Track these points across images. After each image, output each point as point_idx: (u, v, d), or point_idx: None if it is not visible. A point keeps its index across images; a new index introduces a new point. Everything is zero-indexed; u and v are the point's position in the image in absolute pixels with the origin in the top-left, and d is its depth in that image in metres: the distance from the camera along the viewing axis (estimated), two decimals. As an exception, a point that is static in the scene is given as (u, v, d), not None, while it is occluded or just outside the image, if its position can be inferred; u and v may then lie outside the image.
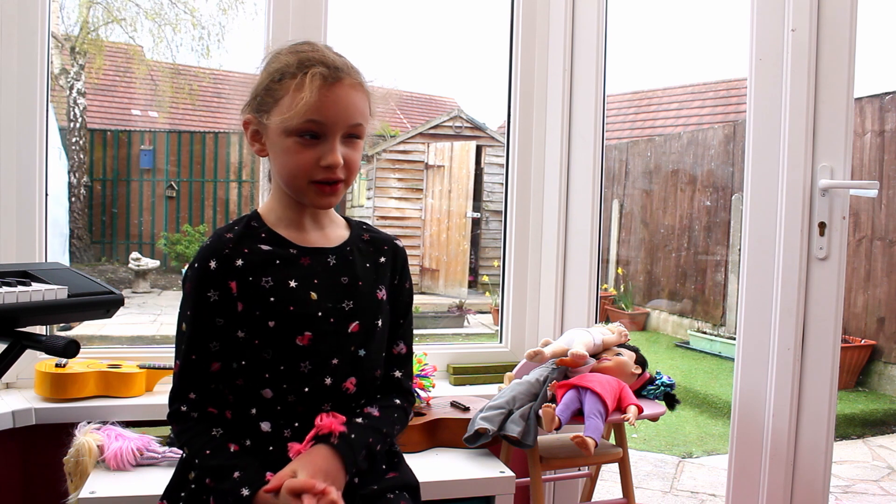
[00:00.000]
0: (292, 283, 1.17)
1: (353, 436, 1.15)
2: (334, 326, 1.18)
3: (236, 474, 1.11)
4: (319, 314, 1.17)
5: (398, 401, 1.28)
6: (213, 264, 1.15)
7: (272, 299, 1.15)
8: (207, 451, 1.13)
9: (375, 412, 1.22)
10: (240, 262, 1.16)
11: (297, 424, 1.16)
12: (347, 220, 1.30)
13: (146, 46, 6.90)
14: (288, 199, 1.21)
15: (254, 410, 1.17)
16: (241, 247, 1.17)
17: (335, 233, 1.25)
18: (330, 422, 1.14)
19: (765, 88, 1.90)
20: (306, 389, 1.16)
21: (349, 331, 1.19)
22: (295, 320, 1.16)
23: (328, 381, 1.17)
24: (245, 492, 1.09)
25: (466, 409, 1.82)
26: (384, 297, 1.25)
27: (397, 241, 1.31)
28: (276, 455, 1.15)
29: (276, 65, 1.16)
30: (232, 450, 1.14)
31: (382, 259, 1.27)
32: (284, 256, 1.18)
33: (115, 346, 2.51)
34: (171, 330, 1.24)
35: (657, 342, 6.61)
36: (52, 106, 1.95)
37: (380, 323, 1.23)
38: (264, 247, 1.18)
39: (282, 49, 1.19)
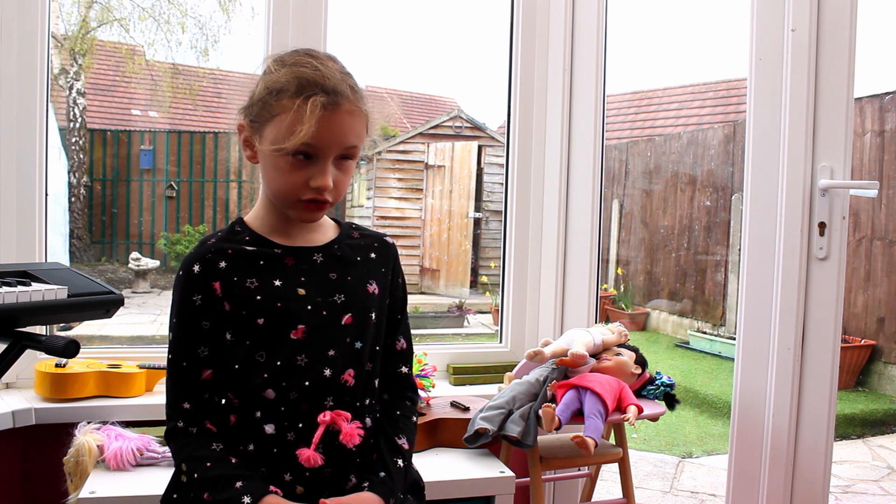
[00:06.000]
0: (277, 283, 1.17)
1: (401, 497, 1.20)
2: (328, 319, 1.18)
3: (238, 484, 1.10)
4: (310, 308, 1.17)
5: (409, 403, 1.31)
6: (196, 268, 1.16)
7: (258, 298, 1.15)
8: (208, 464, 1.12)
9: (405, 444, 1.24)
10: (223, 264, 1.16)
11: (301, 426, 1.15)
12: (337, 221, 1.29)
13: (145, 46, 6.90)
14: (275, 206, 1.20)
15: (258, 413, 1.16)
16: (225, 249, 1.18)
17: (322, 234, 1.25)
18: (342, 424, 1.15)
19: (765, 88, 1.90)
20: (307, 384, 1.15)
21: (343, 322, 1.19)
22: (285, 316, 1.16)
23: (327, 372, 1.16)
24: (246, 500, 1.08)
25: (466, 409, 1.82)
26: (375, 291, 1.24)
27: (387, 238, 1.31)
28: (279, 458, 1.15)
29: (274, 78, 1.13)
30: (233, 461, 1.14)
31: (372, 255, 1.27)
32: (268, 256, 1.19)
33: (115, 346, 2.51)
34: (171, 330, 1.23)
35: (657, 342, 6.61)
36: (51, 106, 1.95)
37: (373, 316, 1.22)
38: (248, 248, 1.18)
39: (283, 57, 1.16)
